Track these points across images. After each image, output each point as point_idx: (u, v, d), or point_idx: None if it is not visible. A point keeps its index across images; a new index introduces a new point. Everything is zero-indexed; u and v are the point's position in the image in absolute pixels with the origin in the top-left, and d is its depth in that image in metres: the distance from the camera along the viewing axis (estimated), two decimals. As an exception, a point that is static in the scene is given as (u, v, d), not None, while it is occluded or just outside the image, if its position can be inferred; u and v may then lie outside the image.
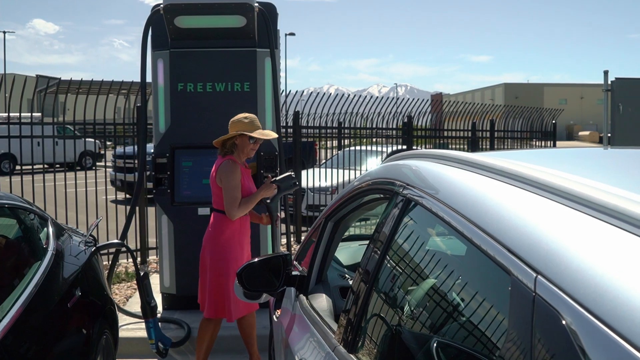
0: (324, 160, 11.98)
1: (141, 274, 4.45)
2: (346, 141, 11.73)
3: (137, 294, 6.00)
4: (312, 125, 9.85)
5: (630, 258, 0.96)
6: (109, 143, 19.12)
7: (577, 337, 0.91)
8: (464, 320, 1.38)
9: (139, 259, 7.26)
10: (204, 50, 5.13)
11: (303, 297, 2.69)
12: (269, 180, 4.34)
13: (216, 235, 4.21)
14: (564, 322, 0.95)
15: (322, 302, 2.59)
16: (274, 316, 3.32)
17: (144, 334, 4.66)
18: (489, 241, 1.22)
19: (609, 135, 8.58)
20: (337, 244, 2.86)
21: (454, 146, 12.87)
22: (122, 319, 5.10)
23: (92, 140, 14.77)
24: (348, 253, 3.59)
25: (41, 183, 7.15)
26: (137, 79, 7.59)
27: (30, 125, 7.05)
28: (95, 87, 7.59)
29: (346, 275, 3.17)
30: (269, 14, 5.02)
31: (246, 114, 4.23)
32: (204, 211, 5.14)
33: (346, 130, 10.64)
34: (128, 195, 10.06)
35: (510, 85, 74.77)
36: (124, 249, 5.03)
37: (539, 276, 1.04)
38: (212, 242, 4.21)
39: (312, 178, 9.87)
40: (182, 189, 5.27)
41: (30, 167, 7.38)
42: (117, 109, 8.12)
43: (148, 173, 6.33)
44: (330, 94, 10.06)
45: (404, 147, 10.97)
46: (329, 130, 10.29)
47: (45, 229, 3.65)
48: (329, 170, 10.20)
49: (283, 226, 8.07)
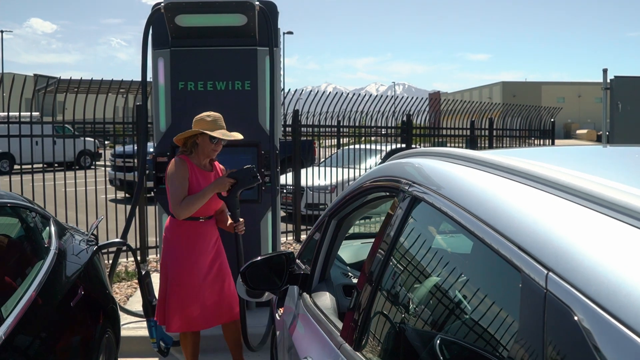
0: (323, 159, 11.98)
1: (142, 272, 4.45)
2: (345, 140, 11.74)
3: (138, 293, 6.00)
4: (311, 124, 9.86)
5: None
6: (106, 142, 19.10)
7: (590, 334, 0.92)
8: (473, 318, 1.38)
9: (139, 258, 7.25)
10: (204, 49, 5.13)
11: (306, 296, 2.69)
12: (225, 174, 3.99)
13: (165, 238, 4.00)
14: (576, 319, 0.95)
15: (326, 301, 2.59)
16: (277, 315, 3.32)
17: (145, 332, 4.66)
18: (499, 238, 1.22)
19: (607, 133, 8.59)
20: (341, 242, 2.86)
21: (451, 144, 12.88)
22: (124, 318, 5.10)
23: (91, 139, 14.79)
24: (351, 251, 3.59)
25: (40, 182, 7.15)
26: (135, 78, 7.59)
27: (30, 125, 7.05)
28: (94, 87, 7.58)
29: (349, 274, 3.17)
30: (270, 13, 5.01)
31: (210, 112, 4.00)
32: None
33: (345, 129, 10.64)
34: (127, 195, 10.05)
35: (508, 84, 74.75)
36: (124, 248, 5.03)
37: (550, 273, 1.04)
38: (163, 246, 4.02)
39: (312, 177, 9.87)
40: None
41: (28, 167, 7.36)
42: (116, 108, 8.10)
43: (148, 172, 6.32)
44: (329, 92, 10.05)
45: (403, 146, 10.98)
46: (327, 129, 10.29)
47: (47, 228, 3.64)
48: (328, 168, 10.20)
49: (283, 225, 8.07)
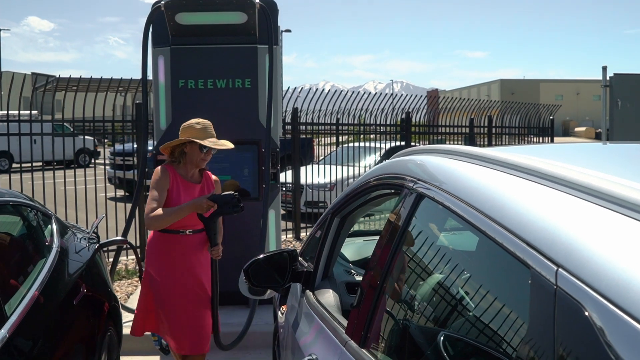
0: (322, 157, 11.98)
1: (143, 270, 4.45)
2: (344, 137, 11.74)
3: (139, 291, 5.99)
4: (310, 121, 9.86)
5: None
6: (104, 140, 19.10)
7: (602, 329, 0.92)
8: (480, 314, 1.38)
9: (140, 256, 7.25)
10: (204, 47, 5.13)
11: (309, 293, 2.69)
12: (205, 196, 3.61)
13: (147, 251, 3.82)
14: (587, 314, 0.95)
15: (329, 298, 2.59)
16: (279, 312, 3.32)
17: (146, 330, 4.66)
18: (507, 235, 1.22)
19: (607, 130, 8.61)
20: (344, 239, 2.86)
21: (450, 142, 12.88)
22: (125, 316, 5.09)
23: (91, 138, 14.78)
24: (353, 249, 3.59)
25: (38, 181, 7.14)
26: (133, 76, 7.59)
27: (29, 123, 7.05)
28: (94, 85, 7.57)
29: (352, 271, 3.17)
30: (270, 10, 5.01)
31: (199, 120, 3.71)
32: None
33: (344, 127, 10.64)
34: (127, 193, 10.05)
35: (506, 81, 74.83)
36: (125, 246, 5.03)
37: (560, 269, 1.04)
38: (145, 259, 3.86)
39: (311, 175, 9.87)
40: None
41: (26, 165, 7.35)
42: (115, 106, 8.10)
43: (148, 170, 6.32)
44: (327, 90, 10.05)
45: (402, 144, 10.98)
46: (327, 127, 10.29)
47: (49, 226, 3.64)
48: (327, 166, 10.20)
49: (282, 223, 8.05)
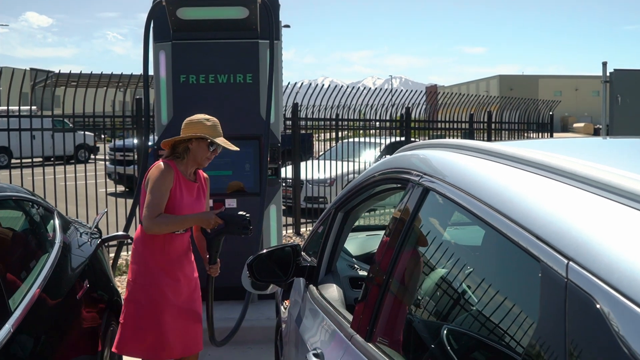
0: (322, 152, 11.98)
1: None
2: (343, 133, 11.74)
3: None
4: (310, 117, 9.86)
5: None
6: (103, 136, 19.04)
7: (614, 322, 0.92)
8: (488, 308, 1.38)
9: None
10: (206, 42, 5.12)
11: (313, 288, 2.70)
12: (215, 210, 3.42)
13: (135, 251, 3.44)
14: (598, 307, 0.96)
15: (333, 292, 2.59)
16: (282, 307, 3.33)
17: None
18: (516, 229, 1.23)
19: (607, 125, 8.62)
20: (347, 234, 2.87)
21: (449, 137, 12.88)
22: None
23: (90, 133, 14.76)
24: (356, 243, 3.59)
25: (38, 176, 7.14)
26: (132, 71, 7.57)
27: (29, 119, 7.04)
28: (94, 80, 7.56)
29: (355, 266, 3.17)
30: (271, 5, 5.00)
31: (208, 116, 3.51)
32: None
33: (344, 122, 10.64)
34: (127, 189, 10.05)
35: (505, 77, 74.80)
36: (128, 241, 5.03)
37: (571, 262, 1.05)
38: (131, 260, 3.45)
39: (311, 170, 9.88)
40: None
41: (25, 161, 7.34)
42: (114, 101, 8.09)
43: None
44: (327, 85, 10.05)
45: (402, 139, 10.99)
46: (327, 122, 10.29)
47: (51, 221, 3.64)
48: (327, 162, 10.21)
49: (282, 219, 8.05)
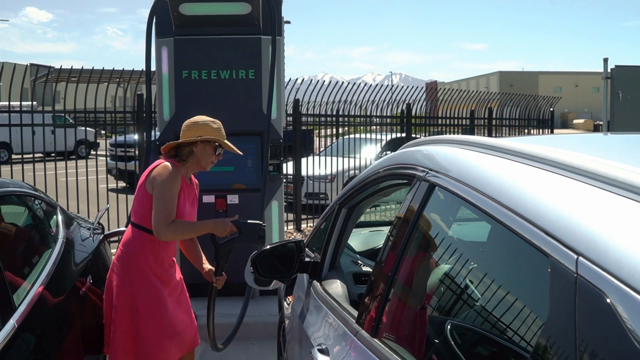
0: (323, 148, 11.98)
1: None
2: (344, 129, 11.74)
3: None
4: (311, 113, 9.86)
5: None
6: (103, 132, 18.97)
7: (624, 316, 0.93)
8: (496, 304, 1.38)
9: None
10: (208, 38, 5.12)
11: (317, 284, 2.70)
12: (231, 218, 3.31)
13: (126, 254, 3.25)
14: (609, 301, 0.96)
15: (337, 288, 2.60)
16: (285, 303, 3.33)
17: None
18: (524, 224, 1.23)
19: (608, 121, 8.62)
20: (351, 230, 2.87)
21: (450, 134, 12.87)
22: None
23: (91, 129, 14.74)
24: (360, 239, 3.60)
25: (38, 172, 7.14)
26: (131, 67, 7.56)
27: (31, 114, 7.04)
28: (95, 76, 7.55)
29: (359, 262, 3.18)
30: (274, 1, 5.00)
31: (213, 118, 3.40)
32: (209, 199, 5.15)
33: (345, 118, 10.63)
34: (128, 185, 10.05)
35: (505, 73, 74.71)
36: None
37: (581, 257, 1.05)
38: (119, 266, 3.24)
39: (312, 166, 9.88)
40: None
41: (25, 156, 7.34)
42: (113, 97, 8.09)
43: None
44: (329, 81, 10.04)
45: (403, 135, 10.99)
46: (328, 118, 10.29)
47: (54, 216, 3.65)
48: (327, 158, 10.21)
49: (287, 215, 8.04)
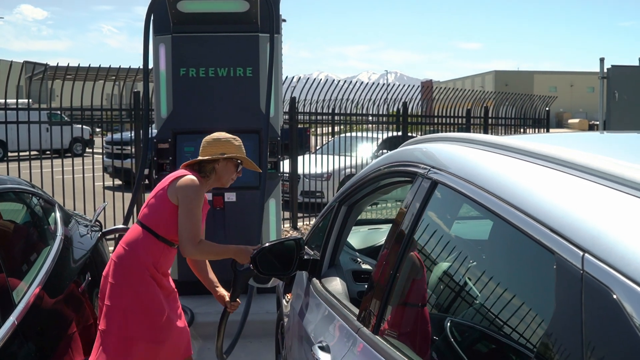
0: (319, 147, 11.98)
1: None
2: (340, 127, 11.73)
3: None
4: (308, 111, 9.86)
5: None
6: (98, 130, 18.90)
7: (631, 312, 0.93)
8: (500, 301, 1.39)
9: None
10: (206, 35, 5.11)
11: (316, 281, 2.70)
12: (253, 247, 3.12)
13: (129, 254, 3.04)
14: (615, 297, 0.97)
15: (337, 286, 2.60)
16: (284, 300, 3.33)
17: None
18: (529, 221, 1.23)
19: (604, 121, 8.65)
20: (350, 228, 2.87)
21: (447, 132, 12.87)
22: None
23: (87, 127, 14.71)
24: (359, 237, 3.60)
25: (34, 170, 7.12)
26: (126, 64, 7.54)
27: (27, 112, 7.01)
28: (91, 74, 7.53)
29: (358, 259, 3.18)
30: (272, -1, 5.00)
31: (234, 135, 3.33)
32: (206, 196, 5.14)
33: (341, 117, 10.63)
34: (124, 183, 10.04)
35: (500, 73, 74.84)
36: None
37: (587, 254, 1.06)
38: (120, 265, 3.02)
39: (308, 164, 9.87)
40: None
41: (20, 154, 7.32)
42: (109, 95, 8.05)
43: (151, 158, 6.31)
44: (325, 80, 10.03)
45: (399, 134, 11.00)
46: (324, 117, 10.29)
47: (52, 214, 3.64)
48: (323, 156, 10.21)
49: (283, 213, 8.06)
